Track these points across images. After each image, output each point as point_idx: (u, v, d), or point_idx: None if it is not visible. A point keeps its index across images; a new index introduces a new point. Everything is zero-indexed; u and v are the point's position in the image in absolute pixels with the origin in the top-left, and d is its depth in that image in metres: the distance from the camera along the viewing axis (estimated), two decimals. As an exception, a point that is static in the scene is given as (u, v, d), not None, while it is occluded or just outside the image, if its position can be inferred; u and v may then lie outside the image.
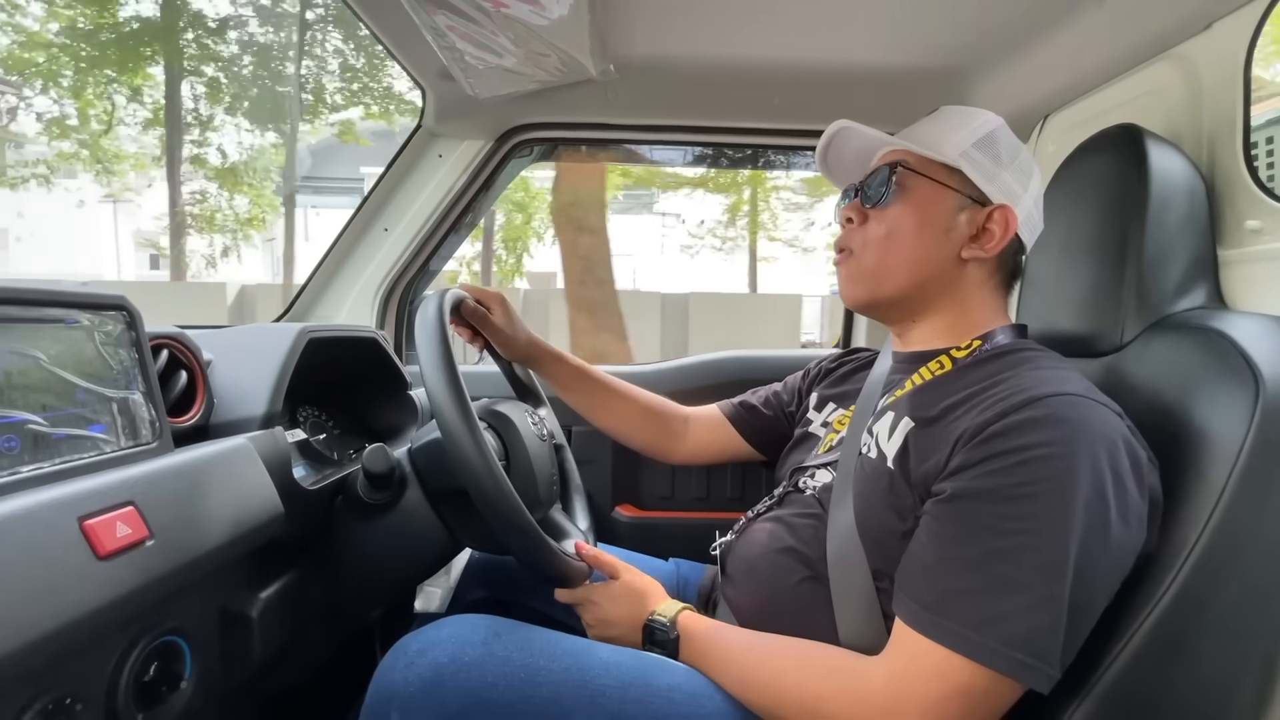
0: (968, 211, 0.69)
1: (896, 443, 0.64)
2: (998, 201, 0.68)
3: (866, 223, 0.72)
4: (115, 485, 0.46)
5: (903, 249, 0.70)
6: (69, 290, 0.51)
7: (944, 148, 0.69)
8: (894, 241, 0.70)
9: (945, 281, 0.70)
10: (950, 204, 0.69)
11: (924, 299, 0.72)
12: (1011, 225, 0.67)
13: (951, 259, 0.69)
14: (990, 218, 0.68)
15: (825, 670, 0.59)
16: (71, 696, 0.44)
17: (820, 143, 0.77)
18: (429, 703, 0.57)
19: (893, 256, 0.70)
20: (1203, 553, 0.53)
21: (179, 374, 0.65)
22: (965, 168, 0.68)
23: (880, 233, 0.71)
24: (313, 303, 1.33)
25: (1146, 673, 0.54)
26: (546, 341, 0.98)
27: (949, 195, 0.69)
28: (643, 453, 1.04)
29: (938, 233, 0.69)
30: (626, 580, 0.76)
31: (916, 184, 0.69)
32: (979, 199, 0.68)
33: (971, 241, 0.69)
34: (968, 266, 0.70)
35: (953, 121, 0.71)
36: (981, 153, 0.68)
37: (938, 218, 0.69)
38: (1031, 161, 0.71)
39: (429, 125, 1.22)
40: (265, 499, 0.61)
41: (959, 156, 0.68)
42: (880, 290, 0.72)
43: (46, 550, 0.40)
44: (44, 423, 0.46)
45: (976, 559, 0.52)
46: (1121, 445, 0.53)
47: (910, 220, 0.69)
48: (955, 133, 0.70)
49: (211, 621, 0.61)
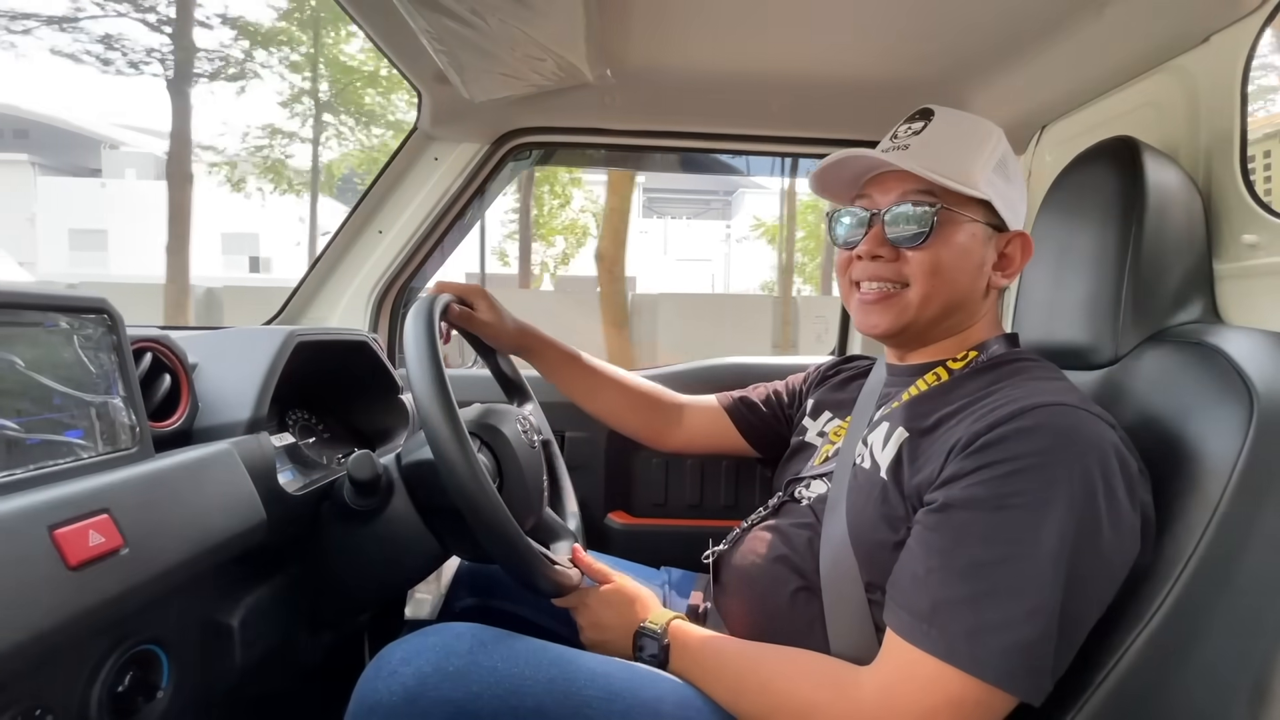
0: (992, 240, 0.68)
1: (890, 453, 0.63)
2: (1015, 229, 0.68)
3: (899, 259, 0.67)
4: (89, 493, 0.45)
5: (947, 284, 0.66)
6: (48, 293, 0.50)
7: (971, 176, 0.65)
8: (940, 278, 0.66)
9: (972, 310, 0.70)
10: (981, 236, 0.67)
11: (947, 327, 0.70)
12: (1028, 250, 0.68)
13: (983, 289, 0.69)
14: (1009, 244, 0.68)
15: (816, 679, 0.58)
16: (42, 708, 0.43)
17: (824, 161, 0.71)
18: (412, 712, 0.56)
19: (937, 292, 0.67)
20: (1197, 567, 0.53)
21: (163, 378, 0.65)
22: (993, 199, 0.66)
23: (923, 268, 0.66)
24: (305, 305, 1.33)
25: (1140, 687, 0.54)
26: (536, 328, 0.98)
27: (979, 229, 0.67)
28: (635, 439, 1.04)
29: (974, 267, 0.67)
30: (619, 586, 0.75)
31: (953, 219, 0.66)
32: (1000, 226, 0.68)
33: (994, 269, 0.68)
34: (990, 293, 0.70)
35: (969, 141, 0.68)
36: (1000, 177, 0.67)
37: (975, 252, 0.67)
38: (1018, 168, 0.71)
39: (425, 128, 1.21)
40: (247, 506, 0.60)
41: (986, 187, 0.65)
42: (916, 321, 0.68)
43: (14, 560, 0.39)
44: (18, 428, 0.45)
45: (967, 568, 0.52)
46: (1113, 455, 0.53)
47: (952, 256, 0.66)
48: (976, 157, 0.67)
49: (191, 630, 0.60)
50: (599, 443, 1.29)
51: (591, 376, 1.01)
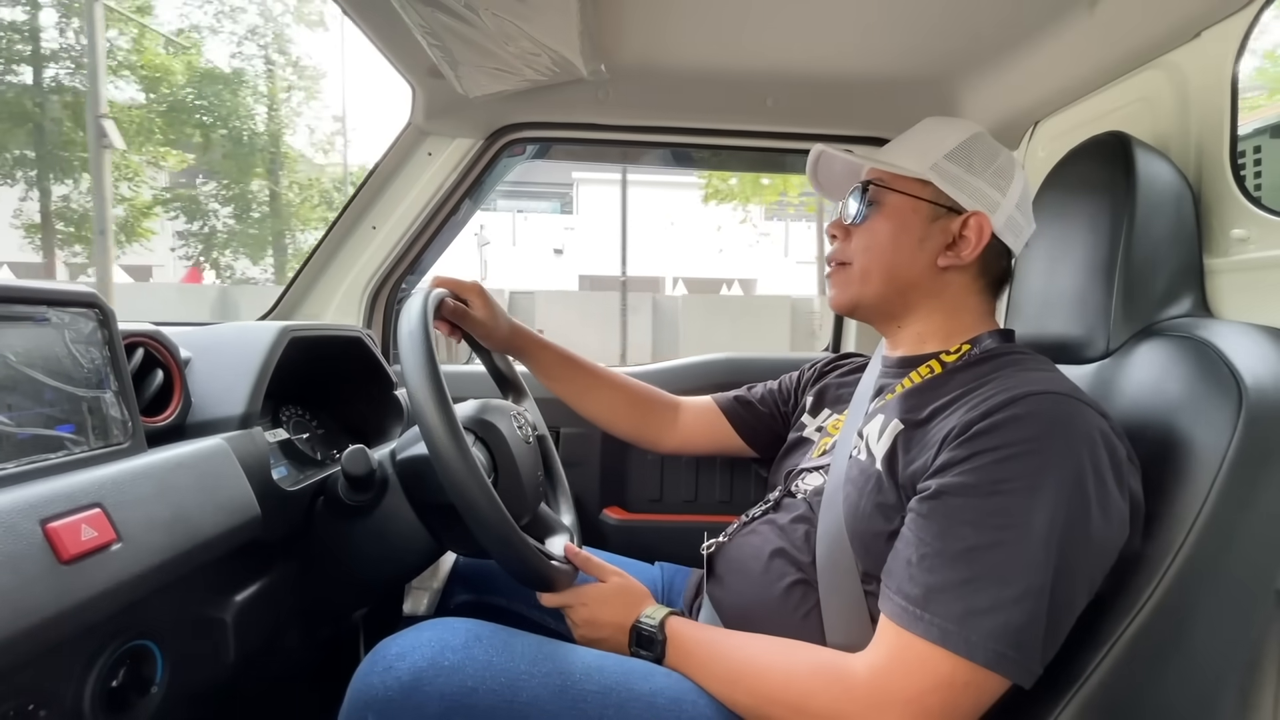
0: (942, 220, 0.70)
1: (885, 444, 0.64)
2: (970, 209, 0.69)
3: (849, 238, 0.75)
4: (82, 487, 0.45)
5: (881, 259, 0.72)
6: (38, 286, 0.49)
7: (915, 162, 0.71)
8: (872, 252, 0.73)
9: (926, 289, 0.72)
10: (923, 214, 0.71)
11: (905, 304, 0.73)
12: (985, 231, 0.69)
13: (929, 266, 0.71)
14: (965, 225, 0.69)
15: (810, 667, 0.59)
16: (35, 703, 0.43)
17: (807, 164, 0.80)
18: (407, 706, 0.56)
19: (872, 266, 0.73)
20: (1187, 557, 0.54)
21: (155, 373, 0.64)
22: (934, 179, 0.69)
23: (860, 245, 0.74)
24: (299, 301, 1.32)
25: (1131, 675, 0.54)
26: (529, 329, 0.97)
27: (921, 206, 0.71)
28: (630, 441, 1.03)
29: (912, 242, 0.71)
30: (615, 583, 0.75)
31: (889, 199, 0.72)
32: (953, 208, 0.70)
33: (947, 249, 0.70)
34: (948, 273, 0.71)
35: (928, 135, 0.73)
36: (953, 163, 0.70)
37: (911, 228, 0.71)
38: (1013, 165, 0.71)
39: (418, 123, 1.21)
40: (241, 501, 0.60)
41: (929, 169, 0.69)
42: (862, 296, 0.74)
43: (7, 554, 0.39)
44: (9, 423, 0.45)
45: (958, 554, 0.53)
46: (1101, 442, 0.54)
47: (885, 232, 0.72)
48: (929, 146, 0.71)
49: (184, 625, 0.60)
50: (594, 439, 1.29)
51: (586, 378, 1.00)
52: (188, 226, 12.10)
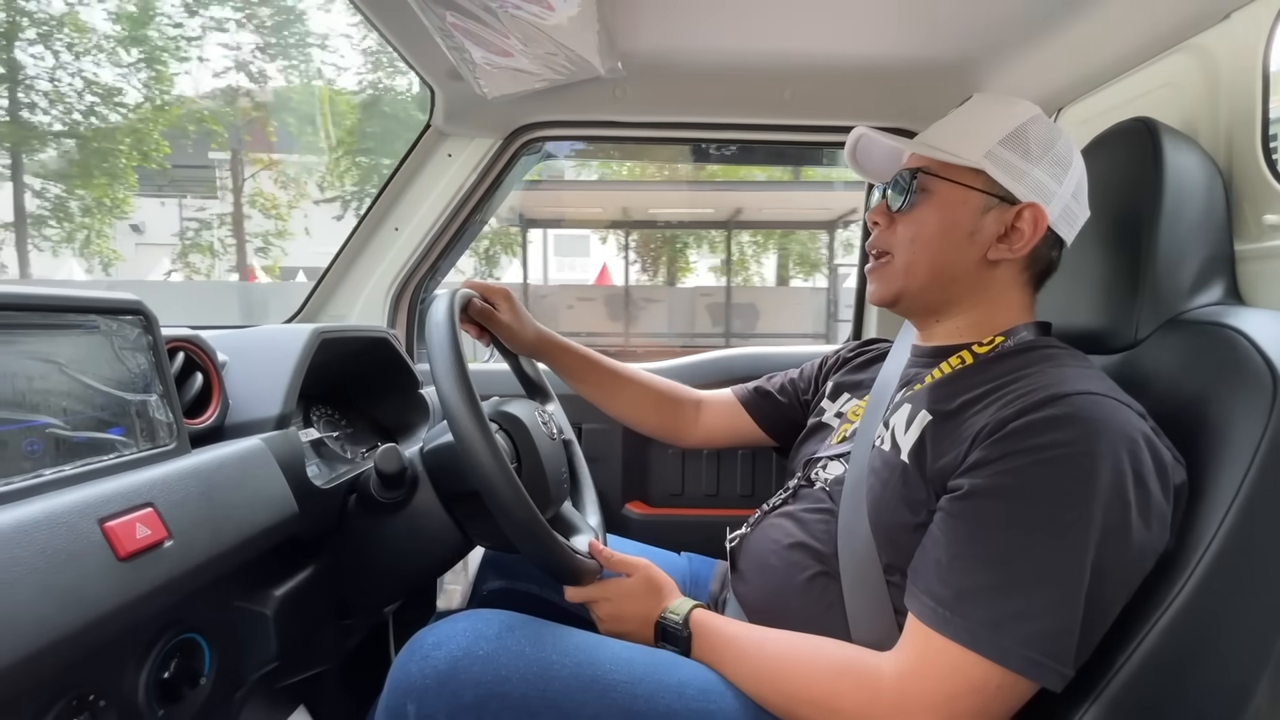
0: (995, 211, 0.67)
1: (913, 436, 0.63)
2: (1026, 200, 0.66)
3: (893, 226, 0.72)
4: (135, 487, 0.47)
5: (927, 251, 0.69)
6: (87, 295, 0.51)
7: (967, 149, 0.67)
8: (919, 244, 0.69)
9: (972, 283, 0.69)
10: (974, 206, 0.67)
11: (948, 300, 0.71)
12: (1041, 224, 0.65)
13: (977, 261, 0.68)
14: (1019, 217, 0.66)
15: (837, 667, 0.59)
16: (95, 694, 0.45)
17: (845, 148, 0.77)
18: (444, 694, 0.57)
19: (918, 259, 0.70)
20: (1218, 552, 0.53)
21: (195, 376, 0.66)
22: (989, 168, 0.66)
23: (905, 236, 0.70)
24: (325, 302, 1.34)
25: (1160, 673, 0.54)
26: (554, 333, 0.98)
27: (973, 197, 0.67)
28: (655, 438, 1.05)
29: (961, 236, 0.68)
30: (640, 577, 0.76)
31: (939, 187, 0.68)
32: (1007, 198, 0.66)
33: (999, 242, 0.67)
34: (998, 267, 0.68)
35: (981, 116, 0.69)
36: (1009, 150, 0.66)
37: (961, 221, 0.67)
38: (1071, 150, 0.68)
39: (438, 125, 1.22)
40: (281, 499, 0.62)
41: (983, 157, 0.66)
42: (906, 290, 0.72)
43: (69, 552, 0.41)
44: (65, 426, 0.47)
45: (992, 557, 0.52)
46: (1144, 445, 0.53)
47: (934, 224, 0.68)
48: (981, 130, 0.67)
49: (229, 619, 0.62)
50: (615, 434, 1.30)
51: (611, 379, 1.01)
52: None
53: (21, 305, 0.46)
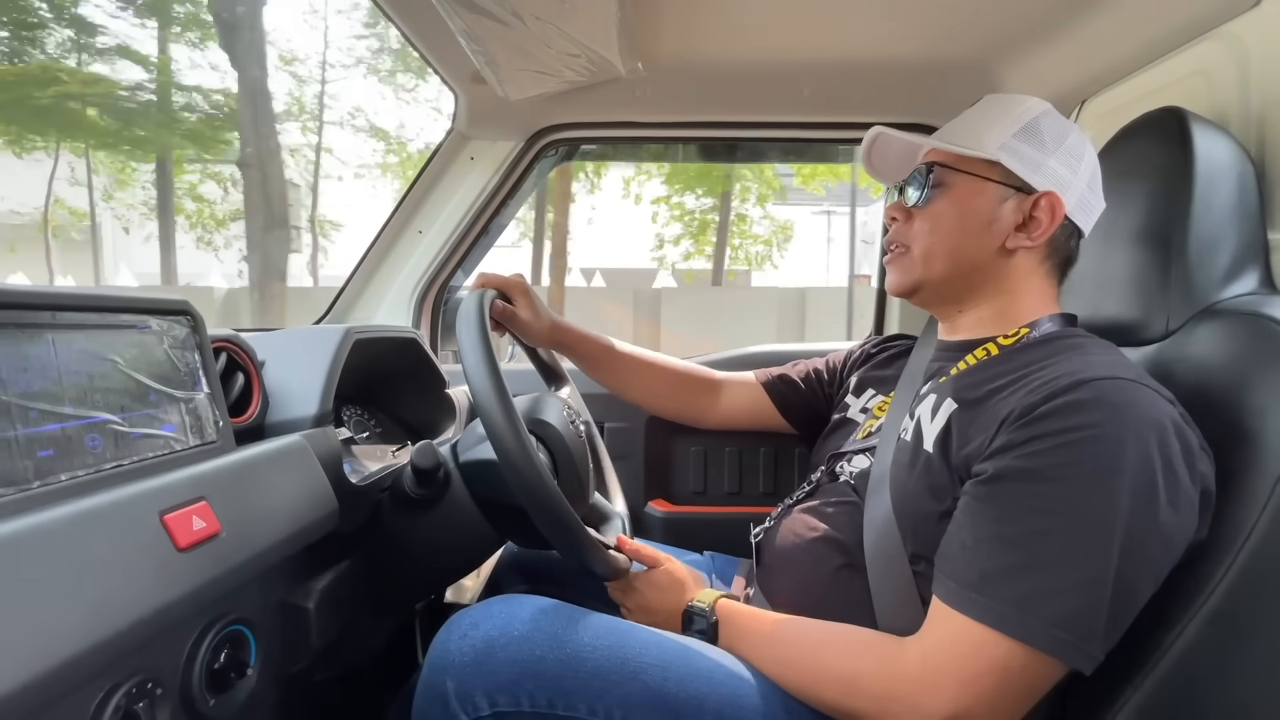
0: (1013, 201, 0.68)
1: (939, 424, 0.64)
2: (1043, 189, 0.67)
3: (910, 220, 0.74)
4: (189, 481, 0.49)
5: (945, 241, 0.71)
6: (139, 296, 0.53)
7: (982, 142, 0.69)
8: (937, 234, 0.71)
9: (991, 271, 0.70)
10: (992, 196, 0.69)
11: (968, 288, 0.72)
12: (1059, 211, 0.67)
13: (996, 250, 0.69)
14: (1036, 205, 0.67)
15: (861, 648, 0.60)
16: (153, 681, 0.47)
17: (861, 148, 0.79)
18: (481, 670, 0.59)
19: (936, 248, 0.71)
20: (1257, 544, 0.52)
21: (236, 375, 0.68)
22: (1004, 159, 0.67)
23: (924, 228, 0.72)
24: (352, 304, 1.37)
25: (1201, 661, 0.53)
26: (569, 322, 1.00)
27: (990, 188, 0.69)
28: (675, 419, 1.07)
29: (980, 226, 0.69)
30: (668, 569, 0.77)
31: (955, 180, 0.70)
32: (1023, 188, 0.68)
33: (1018, 231, 0.68)
34: (1016, 256, 0.70)
35: (993, 113, 0.71)
36: (1023, 142, 0.68)
37: (979, 211, 0.69)
38: (1083, 142, 0.70)
39: (461, 128, 1.24)
40: (322, 494, 0.64)
41: (998, 150, 0.68)
42: (925, 279, 0.73)
43: (132, 542, 0.43)
44: (122, 423, 0.49)
45: (1017, 538, 0.52)
46: (1172, 430, 0.53)
47: (951, 215, 0.70)
48: (995, 124, 0.69)
49: (273, 612, 0.63)
50: (637, 432, 1.31)
51: (628, 364, 1.02)
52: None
53: (82, 306, 0.48)
